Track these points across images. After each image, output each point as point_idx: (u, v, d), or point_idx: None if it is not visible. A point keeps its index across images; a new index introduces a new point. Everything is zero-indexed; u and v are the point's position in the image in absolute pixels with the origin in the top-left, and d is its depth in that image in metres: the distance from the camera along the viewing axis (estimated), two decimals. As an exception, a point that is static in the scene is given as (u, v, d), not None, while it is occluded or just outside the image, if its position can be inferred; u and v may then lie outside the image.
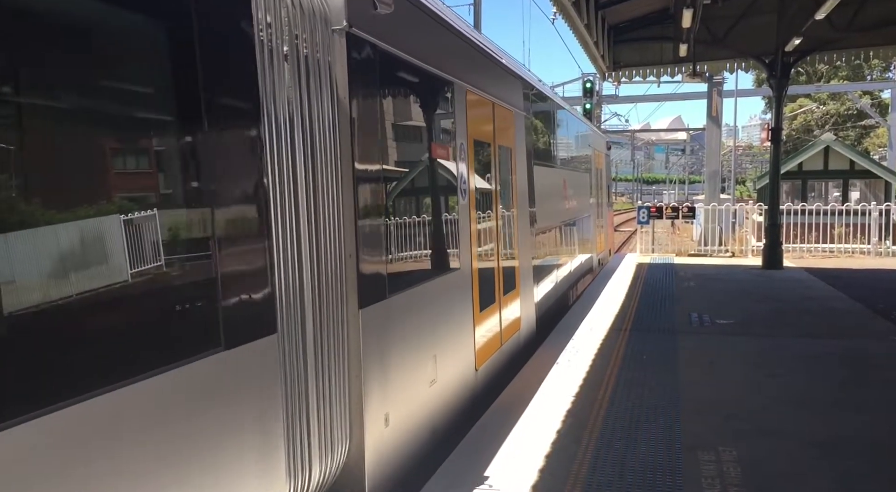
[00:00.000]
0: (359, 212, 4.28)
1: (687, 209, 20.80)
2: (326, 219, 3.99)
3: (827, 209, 19.76)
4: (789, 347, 8.56)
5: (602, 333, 9.37)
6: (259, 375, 3.35)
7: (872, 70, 47.81)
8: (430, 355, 5.49)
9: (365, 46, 4.42)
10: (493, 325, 7.31)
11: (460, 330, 6.24)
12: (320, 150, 3.96)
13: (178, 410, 2.83)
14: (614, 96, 36.66)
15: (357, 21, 4.26)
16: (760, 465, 5.01)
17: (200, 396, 2.96)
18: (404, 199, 5.37)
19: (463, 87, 6.44)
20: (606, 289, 13.31)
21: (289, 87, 3.69)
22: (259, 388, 3.36)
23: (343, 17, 4.14)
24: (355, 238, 4.24)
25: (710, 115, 26.63)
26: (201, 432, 2.96)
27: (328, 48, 4.04)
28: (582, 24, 13.20)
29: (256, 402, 3.34)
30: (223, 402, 3.11)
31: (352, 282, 4.22)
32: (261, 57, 3.42)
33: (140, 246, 2.73)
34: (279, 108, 3.59)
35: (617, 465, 5.01)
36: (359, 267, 4.26)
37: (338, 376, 4.09)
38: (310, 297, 3.79)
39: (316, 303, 3.86)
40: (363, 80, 4.41)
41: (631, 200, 66.81)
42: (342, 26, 4.15)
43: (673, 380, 7.13)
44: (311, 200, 3.86)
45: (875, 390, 6.80)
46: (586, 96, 28.87)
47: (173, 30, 2.95)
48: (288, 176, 3.66)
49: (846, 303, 11.61)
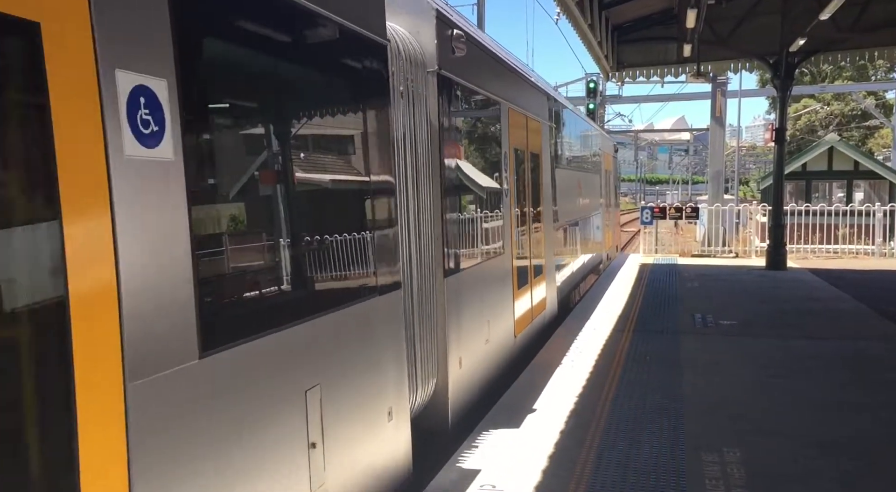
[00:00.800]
0: (445, 207, 5.75)
1: (690, 210, 20.77)
2: (426, 212, 5.50)
3: (831, 210, 19.72)
4: (793, 348, 8.55)
5: (605, 334, 9.36)
6: (395, 312, 4.80)
7: (877, 70, 47.70)
8: (485, 320, 7.03)
9: (447, 81, 5.93)
10: (527, 302, 8.81)
11: (504, 303, 7.77)
12: (422, 160, 5.44)
13: (365, 324, 4.34)
14: (618, 96, 36.66)
15: (443, 63, 5.75)
16: (764, 466, 5.00)
17: (371, 319, 4.44)
18: (470, 197, 6.84)
19: (506, 105, 7.88)
20: (610, 290, 13.30)
21: (403, 114, 5.16)
22: (396, 320, 4.80)
23: (435, 62, 5.63)
24: (442, 227, 5.70)
25: (714, 116, 26.61)
26: (374, 341, 4.45)
27: (425, 84, 5.57)
28: (585, 24, 13.18)
29: (395, 331, 4.78)
30: (381, 325, 4.57)
31: (439, 259, 5.68)
32: (392, 94, 4.86)
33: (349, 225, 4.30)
34: (400, 130, 5.08)
35: (620, 466, 5.00)
36: (444, 249, 5.75)
37: (431, 324, 5.63)
38: (417, 267, 5.36)
39: (421, 271, 5.44)
40: (446, 106, 5.94)
41: (634, 201, 66.69)
42: (434, 68, 5.65)
43: (676, 381, 7.12)
44: (417, 197, 5.38)
45: (879, 392, 6.78)
46: (590, 96, 28.86)
47: (356, 82, 4.42)
48: (404, 179, 5.14)
49: (850, 304, 11.58)
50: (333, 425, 3.83)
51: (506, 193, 7.77)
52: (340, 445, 3.92)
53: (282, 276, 3.59)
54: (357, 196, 4.39)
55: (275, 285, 3.52)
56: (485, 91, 7.10)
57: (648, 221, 19.88)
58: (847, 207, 20.15)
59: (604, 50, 15.74)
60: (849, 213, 19.73)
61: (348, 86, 4.30)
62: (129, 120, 2.38)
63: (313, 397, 3.62)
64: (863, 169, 24.71)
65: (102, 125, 2.26)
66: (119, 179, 2.31)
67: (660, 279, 14.73)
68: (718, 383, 7.06)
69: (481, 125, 7.42)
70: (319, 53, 3.96)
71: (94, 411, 2.21)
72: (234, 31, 3.16)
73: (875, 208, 19.40)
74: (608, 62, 16.97)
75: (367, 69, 4.42)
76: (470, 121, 6.92)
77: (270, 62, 3.46)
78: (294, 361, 3.48)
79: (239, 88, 3.26)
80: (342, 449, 3.95)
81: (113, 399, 2.29)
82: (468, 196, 6.74)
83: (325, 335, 3.83)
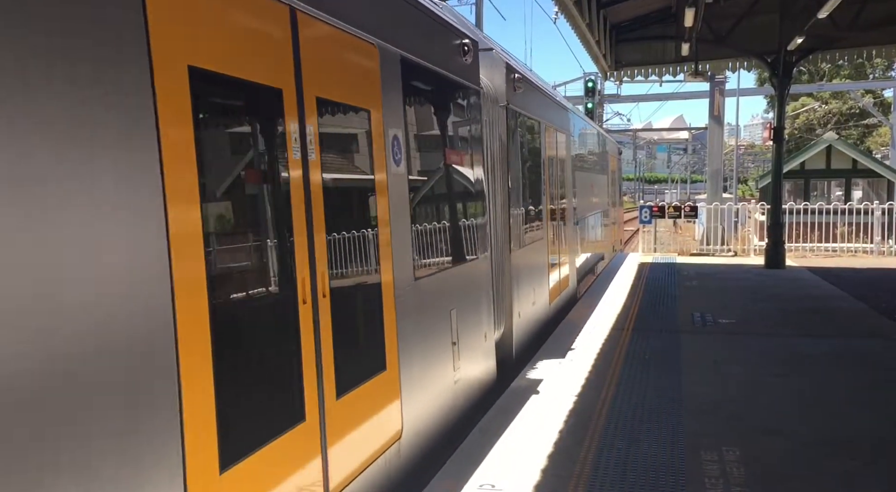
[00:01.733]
0: (510, 202, 7.96)
1: (689, 209, 20.77)
2: (499, 205, 7.73)
3: (829, 208, 19.73)
4: (792, 346, 8.55)
5: (604, 333, 9.35)
6: (486, 270, 6.94)
7: (875, 69, 47.74)
8: (532, 287, 9.15)
9: (512, 111, 8.17)
10: (557, 278, 11.03)
11: (542, 276, 9.96)
12: (497, 168, 7.72)
13: (473, 274, 6.54)
14: (616, 95, 36.62)
15: (509, 99, 8.04)
16: (764, 465, 5.00)
17: (476, 273, 6.60)
18: (523, 195, 8.85)
19: (544, 123, 10.19)
20: (609, 289, 13.30)
21: (487, 139, 7.25)
22: (486, 275, 6.94)
23: (504, 99, 7.92)
24: (508, 216, 7.93)
25: (713, 115, 26.62)
26: (478, 287, 6.65)
27: (498, 115, 7.82)
28: (584, 24, 13.18)
29: (486, 282, 6.92)
30: (480, 278, 6.73)
31: (506, 239, 7.88)
32: (483, 123, 7.08)
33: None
34: (487, 149, 7.25)
35: (620, 465, 5.00)
36: (509, 232, 7.95)
37: (502, 285, 7.79)
38: (494, 244, 7.38)
39: (497, 246, 7.58)
40: (511, 129, 8.10)
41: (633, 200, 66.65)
42: (504, 104, 7.93)
43: (675, 380, 7.11)
44: (494, 194, 7.56)
45: (879, 390, 6.78)
46: (588, 96, 28.84)
47: (468, 116, 6.73)
48: (488, 182, 7.22)
49: (849, 302, 11.58)
50: (461, 334, 6.07)
51: (543, 191, 10.13)
52: (464, 348, 6.15)
53: (447, 241, 5.96)
54: (473, 195, 6.67)
55: (445, 246, 5.91)
56: (532, 116, 9.45)
57: (647, 220, 19.88)
58: (845, 206, 20.15)
59: (602, 49, 15.74)
60: (847, 211, 19.73)
61: (464, 120, 6.62)
62: (392, 152, 4.73)
63: (453, 315, 5.91)
64: (861, 167, 24.71)
65: (385, 156, 4.61)
66: (391, 182, 4.71)
67: (659, 278, 14.72)
68: (718, 382, 7.05)
69: (529, 140, 9.54)
70: (453, 100, 6.33)
71: (388, 305, 4.59)
72: (419, 97, 5.58)
73: (873, 207, 19.41)
74: (606, 61, 16.97)
75: (473, 106, 6.74)
76: (523, 138, 9.01)
77: (431, 107, 5.99)
78: (446, 291, 5.81)
79: (426, 128, 5.91)
80: (465, 351, 6.18)
81: (389, 297, 4.62)
82: (523, 194, 8.84)
83: (457, 278, 6.10)
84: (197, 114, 2.77)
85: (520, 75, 8.61)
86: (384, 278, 4.55)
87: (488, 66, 7.57)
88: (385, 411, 4.46)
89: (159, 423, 2.52)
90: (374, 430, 4.30)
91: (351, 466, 3.98)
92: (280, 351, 3.42)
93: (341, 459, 3.85)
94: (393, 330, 4.62)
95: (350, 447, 3.97)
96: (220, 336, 2.84)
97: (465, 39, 6.40)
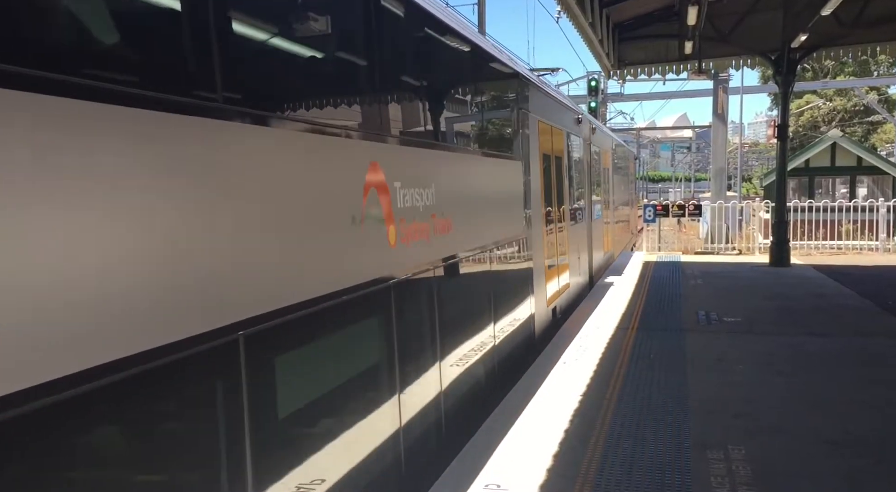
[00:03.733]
0: (605, 194, 15.78)
1: (693, 207, 20.75)
2: (602, 194, 15.87)
3: (834, 206, 19.68)
4: (797, 344, 8.52)
5: (609, 332, 9.35)
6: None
7: (879, 66, 47.57)
8: (582, 263, 13.46)
9: (592, 146, 14.67)
10: (593, 258, 14.76)
11: (586, 256, 13.66)
12: (598, 177, 15.66)
13: (581, 227, 13.35)
14: (619, 94, 36.58)
15: (591, 140, 14.64)
16: (770, 463, 4.99)
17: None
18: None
19: (602, 149, 16.47)
20: (613, 287, 13.29)
21: (593, 163, 15.00)
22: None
23: (589, 140, 14.14)
24: (610, 199, 16.46)
25: (716, 113, 26.57)
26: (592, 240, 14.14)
27: (588, 149, 14.06)
28: (586, 23, 13.16)
29: (596, 238, 14.69)
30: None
31: (609, 212, 16.25)
32: (591, 156, 14.66)
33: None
34: (592, 170, 14.89)
35: (626, 464, 4.99)
36: (611, 207, 16.60)
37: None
38: (605, 213, 15.74)
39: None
40: (582, 146, 13.37)
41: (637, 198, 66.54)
42: (589, 142, 14.21)
43: (681, 378, 7.10)
44: (599, 190, 15.40)
45: (885, 388, 6.75)
46: (591, 94, 28.79)
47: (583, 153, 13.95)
48: (601, 184, 15.94)
49: (855, 300, 11.55)
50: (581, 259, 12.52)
51: (586, 188, 14.09)
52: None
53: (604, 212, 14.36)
54: (602, 190, 13.79)
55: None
56: (597, 145, 15.30)
57: (651, 219, 19.87)
58: (850, 203, 20.09)
59: (605, 48, 15.71)
60: (852, 208, 19.68)
61: (586, 155, 12.95)
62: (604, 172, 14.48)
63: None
64: (866, 164, 24.66)
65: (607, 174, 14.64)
66: (613, 183, 17.06)
67: (663, 277, 14.70)
68: (723, 380, 7.03)
69: (597, 160, 15.20)
70: (581, 147, 12.81)
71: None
72: (574, 147, 12.15)
73: (878, 204, 19.35)
74: (609, 60, 16.94)
75: (584, 148, 12.97)
76: (596, 158, 14.77)
77: (580, 151, 13.24)
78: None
79: (586, 163, 13.98)
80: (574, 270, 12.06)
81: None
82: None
83: (608, 226, 14.39)
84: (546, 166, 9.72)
85: (595, 127, 15.70)
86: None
87: (583, 122, 13.72)
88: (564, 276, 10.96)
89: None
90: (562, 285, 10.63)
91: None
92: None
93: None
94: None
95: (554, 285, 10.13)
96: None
97: (579, 115, 13.21)
